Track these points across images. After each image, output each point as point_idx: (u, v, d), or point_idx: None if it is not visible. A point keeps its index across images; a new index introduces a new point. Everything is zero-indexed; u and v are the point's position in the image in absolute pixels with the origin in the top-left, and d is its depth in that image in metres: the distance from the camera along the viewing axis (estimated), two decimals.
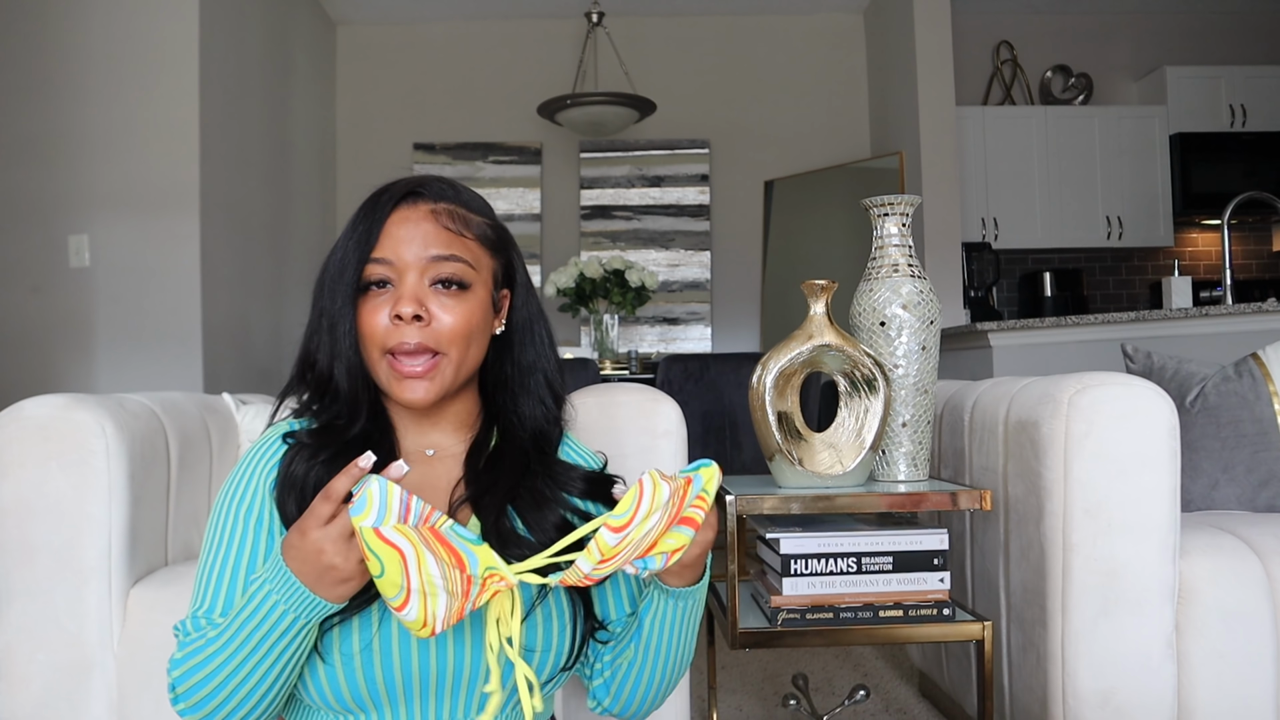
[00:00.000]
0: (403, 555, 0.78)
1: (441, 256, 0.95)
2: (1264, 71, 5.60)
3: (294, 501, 0.91)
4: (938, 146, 4.90)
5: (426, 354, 0.94)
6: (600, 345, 4.50)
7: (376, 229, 0.95)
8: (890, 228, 1.67)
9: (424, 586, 0.78)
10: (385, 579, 0.79)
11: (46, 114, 3.56)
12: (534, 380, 1.03)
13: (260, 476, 0.94)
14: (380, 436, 0.98)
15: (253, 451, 0.97)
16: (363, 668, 0.89)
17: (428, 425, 1.01)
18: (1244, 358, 1.83)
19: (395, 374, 0.94)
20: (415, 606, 0.79)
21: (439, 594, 0.79)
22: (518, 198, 5.65)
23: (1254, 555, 1.46)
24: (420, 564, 0.78)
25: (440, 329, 0.94)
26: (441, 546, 0.80)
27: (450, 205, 0.98)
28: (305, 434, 0.96)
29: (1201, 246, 5.88)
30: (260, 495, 0.94)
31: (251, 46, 4.30)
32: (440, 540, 0.81)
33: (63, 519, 1.38)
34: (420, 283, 0.94)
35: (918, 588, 1.51)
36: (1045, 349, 3.29)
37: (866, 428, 1.57)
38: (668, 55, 5.67)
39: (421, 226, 0.95)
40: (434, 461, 1.01)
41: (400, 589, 0.78)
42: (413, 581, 0.78)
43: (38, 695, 1.38)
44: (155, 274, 3.59)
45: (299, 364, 1.00)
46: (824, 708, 2.05)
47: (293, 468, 0.93)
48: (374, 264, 0.95)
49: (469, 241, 0.97)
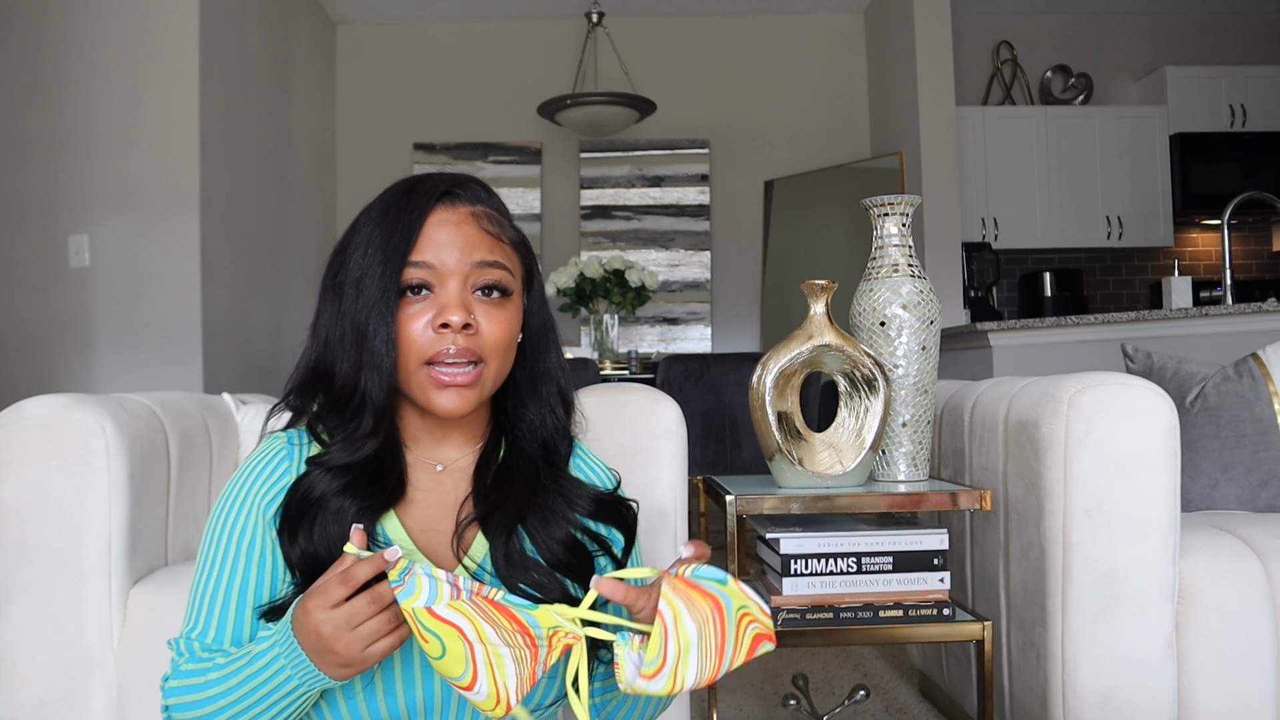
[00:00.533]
0: (461, 632, 0.75)
1: (486, 263, 0.90)
2: (1264, 71, 5.60)
3: (296, 529, 0.88)
4: (938, 146, 4.90)
5: (470, 364, 0.89)
6: (600, 345, 4.50)
7: (415, 231, 0.89)
8: (890, 228, 1.67)
9: (489, 658, 0.75)
10: (447, 658, 0.75)
11: (46, 114, 3.57)
12: (545, 388, 0.99)
13: (257, 498, 0.91)
14: (391, 460, 0.93)
15: (250, 466, 0.93)
16: (384, 691, 0.88)
17: (440, 438, 0.97)
18: (1244, 358, 1.83)
19: (435, 383, 0.89)
20: (484, 682, 0.75)
21: (505, 664, 0.75)
22: (518, 198, 5.65)
23: (1254, 555, 1.46)
24: (480, 636, 0.75)
25: (485, 339, 0.90)
26: (500, 614, 0.77)
27: (488, 209, 0.94)
28: (319, 458, 0.91)
29: (1201, 246, 5.88)
30: (255, 519, 0.90)
31: (251, 46, 4.30)
32: (497, 608, 0.77)
33: (63, 519, 1.38)
34: (464, 290, 0.90)
35: (918, 588, 1.51)
36: (1045, 349, 3.30)
37: (866, 428, 1.57)
38: (668, 55, 5.67)
39: (464, 230, 0.90)
40: (442, 477, 0.97)
41: (466, 665, 0.75)
42: (478, 654, 0.75)
43: (38, 695, 1.38)
44: (155, 274, 3.59)
45: (307, 373, 0.93)
46: (824, 708, 2.05)
47: (303, 494, 0.89)
48: (413, 267, 0.89)
49: (506, 247, 0.93)
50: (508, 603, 0.78)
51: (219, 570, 0.90)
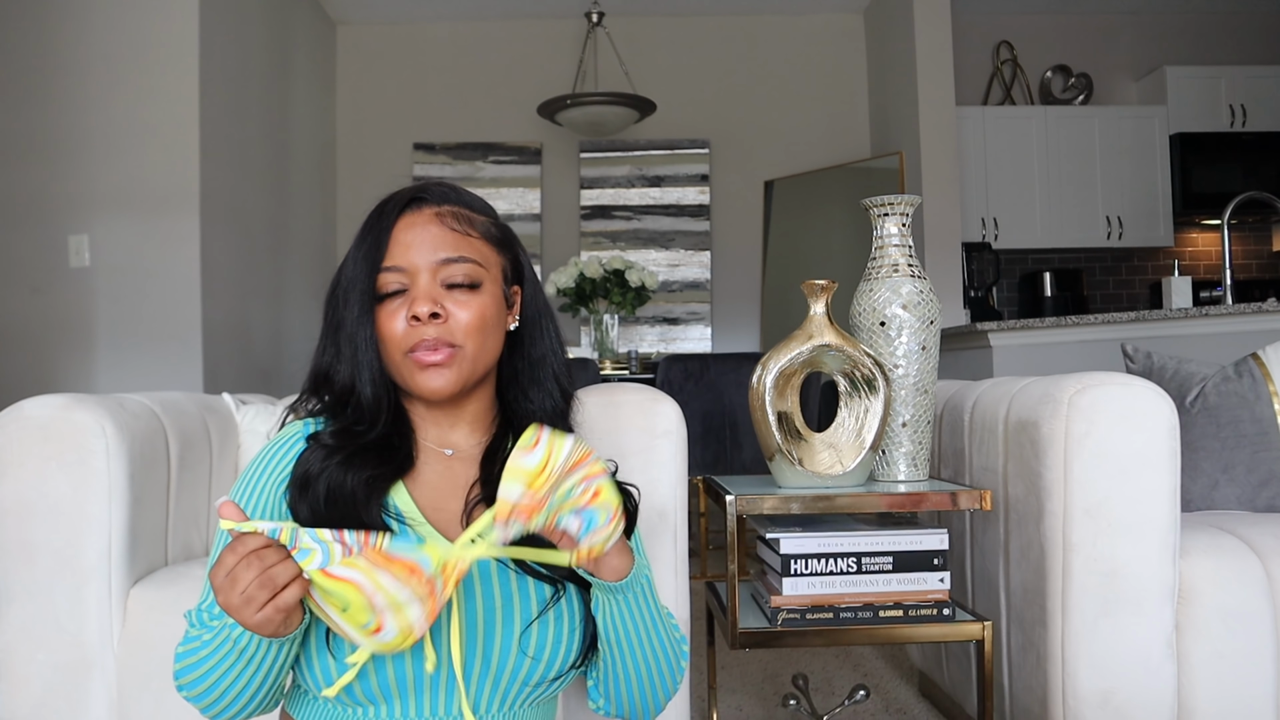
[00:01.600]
0: (358, 585, 0.79)
1: (451, 259, 0.97)
2: (1264, 71, 5.60)
3: (304, 501, 0.93)
4: (938, 146, 4.90)
5: (445, 347, 0.96)
6: (600, 345, 4.50)
7: (384, 239, 0.97)
8: (890, 228, 1.67)
9: (390, 603, 0.79)
10: (352, 609, 0.79)
11: (46, 114, 3.57)
12: (544, 373, 1.05)
13: (274, 475, 0.97)
14: (400, 440, 1.00)
15: (271, 447, 0.99)
16: (373, 663, 0.91)
17: (446, 425, 1.03)
18: (1244, 358, 1.83)
19: (416, 366, 0.96)
20: (390, 624, 0.80)
21: (409, 604, 0.80)
22: (518, 198, 5.66)
23: (1254, 555, 1.46)
24: (376, 585, 0.79)
25: (456, 324, 0.96)
26: (391, 563, 0.81)
27: (453, 207, 1.00)
28: (327, 434, 0.98)
29: (1201, 246, 5.88)
30: (267, 497, 0.96)
31: (251, 46, 4.30)
32: (387, 558, 0.81)
33: (63, 519, 1.38)
34: (433, 284, 0.96)
35: (918, 588, 1.51)
36: (1045, 349, 3.30)
37: (866, 428, 1.57)
38: (668, 55, 5.67)
39: (428, 230, 0.97)
40: (452, 461, 1.03)
41: (370, 613, 0.79)
42: (378, 601, 0.79)
43: (38, 695, 1.38)
44: (155, 274, 3.59)
45: (312, 379, 1.02)
46: (824, 708, 2.05)
47: (306, 466, 0.95)
48: (386, 273, 0.97)
49: (475, 241, 0.99)
50: (395, 548, 0.83)
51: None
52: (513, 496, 0.83)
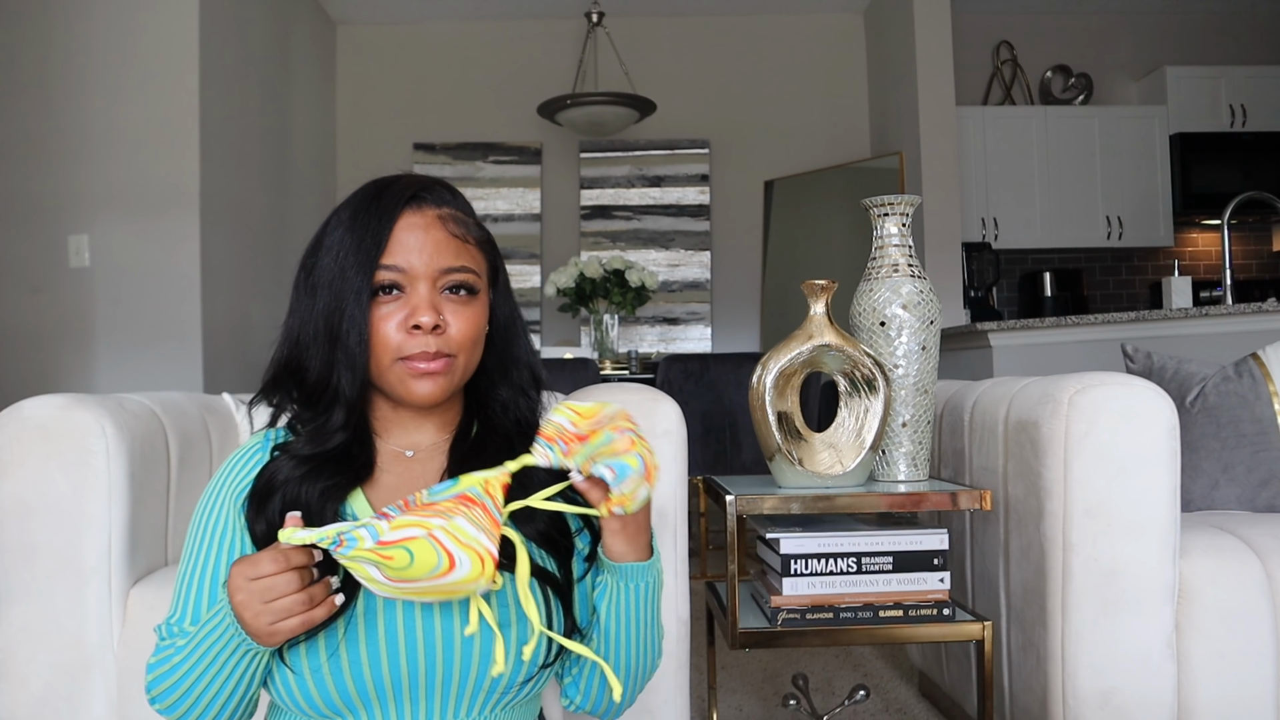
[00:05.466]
0: (413, 537, 0.79)
1: (454, 268, 0.95)
2: (1264, 71, 5.60)
3: (261, 518, 0.92)
4: (938, 146, 4.90)
5: (442, 357, 0.94)
6: (600, 345, 4.50)
7: (385, 234, 0.94)
8: (890, 228, 1.67)
9: (451, 533, 0.80)
10: (418, 560, 0.79)
11: (46, 114, 3.57)
12: (517, 373, 1.04)
13: (230, 491, 0.95)
14: (359, 448, 0.97)
15: (231, 463, 0.98)
16: (332, 676, 0.90)
17: (413, 427, 1.01)
18: (1244, 358, 1.83)
19: (409, 374, 0.94)
20: (460, 553, 0.80)
21: (466, 529, 0.80)
22: (518, 198, 5.65)
23: (1254, 555, 1.46)
24: (431, 527, 0.80)
25: (454, 336, 0.95)
26: (440, 505, 0.82)
27: (453, 210, 0.99)
28: (300, 445, 0.96)
29: (1201, 246, 5.88)
30: (228, 511, 0.95)
31: (251, 46, 4.30)
32: (431, 507, 0.82)
33: (63, 519, 1.38)
34: (434, 292, 0.94)
35: (918, 588, 1.51)
36: (1045, 349, 3.30)
37: (866, 428, 1.57)
38: (668, 55, 5.67)
39: (432, 234, 0.95)
40: (412, 463, 1.01)
41: (436, 553, 0.79)
42: (440, 538, 0.79)
43: (38, 695, 1.38)
44: (155, 274, 3.59)
45: (280, 370, 0.98)
46: (824, 708, 2.05)
47: (270, 476, 0.93)
48: (384, 270, 0.94)
49: (471, 248, 0.98)
50: (434, 495, 0.84)
51: (197, 560, 0.95)
52: (559, 420, 0.87)
